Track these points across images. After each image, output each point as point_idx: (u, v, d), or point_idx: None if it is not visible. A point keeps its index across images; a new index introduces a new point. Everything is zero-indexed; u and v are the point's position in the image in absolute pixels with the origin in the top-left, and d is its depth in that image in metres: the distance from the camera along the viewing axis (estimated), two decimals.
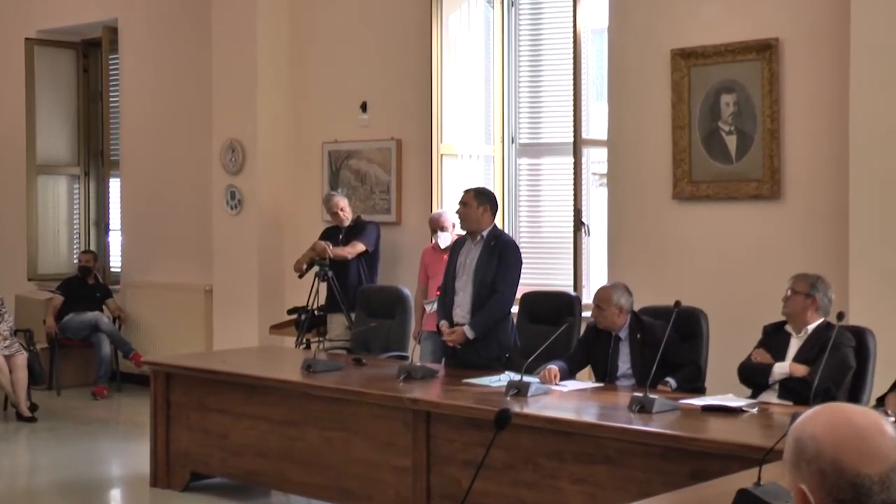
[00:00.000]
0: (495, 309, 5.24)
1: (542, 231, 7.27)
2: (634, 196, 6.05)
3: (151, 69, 8.79)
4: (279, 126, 7.92)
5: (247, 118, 7.84)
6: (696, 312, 5.00)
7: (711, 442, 3.66)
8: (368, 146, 7.51)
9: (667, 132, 5.86)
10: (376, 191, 7.50)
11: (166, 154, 8.69)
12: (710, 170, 5.73)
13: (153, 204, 8.79)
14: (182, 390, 5.51)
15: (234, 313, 7.87)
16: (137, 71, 8.87)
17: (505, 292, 5.26)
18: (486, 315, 5.23)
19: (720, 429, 3.85)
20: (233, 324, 7.85)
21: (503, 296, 5.26)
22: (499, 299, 5.24)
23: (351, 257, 6.82)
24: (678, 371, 4.69)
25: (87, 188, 9.55)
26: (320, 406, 4.90)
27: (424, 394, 4.65)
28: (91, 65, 9.46)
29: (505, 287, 5.26)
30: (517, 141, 7.26)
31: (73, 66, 9.43)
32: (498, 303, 5.24)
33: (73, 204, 9.55)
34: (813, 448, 1.48)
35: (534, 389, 4.48)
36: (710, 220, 5.79)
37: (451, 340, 5.26)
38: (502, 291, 5.24)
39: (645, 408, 4.04)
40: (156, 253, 8.78)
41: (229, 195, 7.94)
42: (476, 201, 5.31)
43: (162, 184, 8.72)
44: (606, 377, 4.86)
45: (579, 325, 5.48)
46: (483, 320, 5.23)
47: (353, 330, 6.50)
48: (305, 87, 7.88)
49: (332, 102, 7.72)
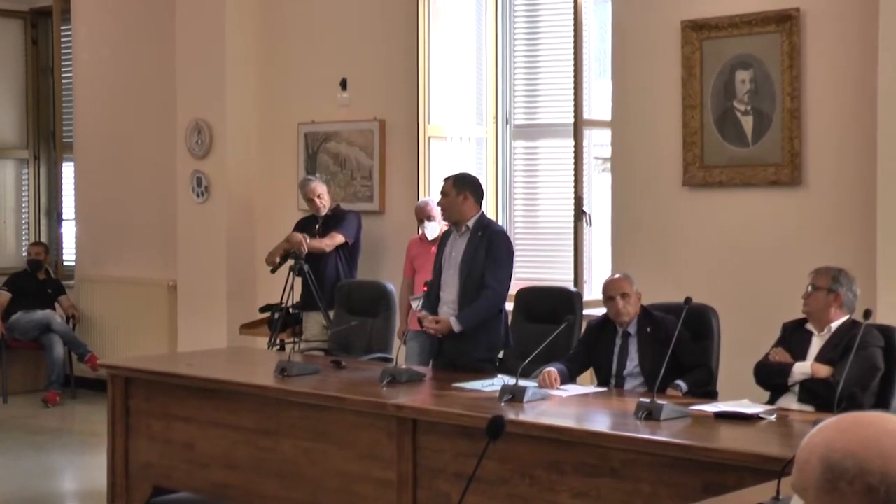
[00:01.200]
0: (486, 305, 5.25)
1: (540, 221, 7.28)
2: (641, 182, 6.05)
3: (108, 41, 8.76)
4: (250, 105, 7.90)
5: (214, 96, 7.82)
6: (707, 310, 5.02)
7: (725, 452, 3.68)
8: (349, 127, 7.50)
9: (676, 112, 5.85)
10: (357, 176, 7.49)
11: (125, 135, 8.66)
12: (724, 153, 5.74)
13: (111, 191, 8.77)
14: (143, 396, 5.50)
15: (201, 311, 7.87)
16: (92, 43, 8.85)
17: (496, 287, 5.26)
18: (475, 310, 5.24)
19: (735, 437, 3.87)
20: (199, 323, 7.85)
21: (494, 291, 5.25)
22: (489, 295, 5.24)
23: (329, 250, 6.81)
24: (689, 373, 4.72)
25: (37, 173, 9.51)
26: (296, 413, 4.90)
27: (410, 399, 4.65)
28: (40, 36, 9.42)
29: (496, 282, 5.25)
30: (512, 122, 7.26)
31: (20, 38, 9.37)
32: (488, 299, 5.25)
33: (22, 191, 9.51)
34: (854, 466, 1.50)
35: (530, 394, 4.48)
36: (724, 209, 5.79)
37: (435, 329, 5.26)
38: (493, 287, 5.24)
39: (652, 414, 4.05)
40: (114, 245, 8.76)
41: (195, 181, 7.93)
42: (455, 189, 5.32)
43: (120, 168, 8.70)
44: (612, 378, 4.87)
45: (580, 323, 5.48)
46: (472, 315, 5.24)
47: (331, 329, 6.49)
48: (279, 62, 7.86)
49: (308, 79, 7.70)
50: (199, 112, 7.90)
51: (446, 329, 5.25)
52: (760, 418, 4.09)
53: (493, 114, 7.23)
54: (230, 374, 5.52)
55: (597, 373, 5.02)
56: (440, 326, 5.26)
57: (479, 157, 7.25)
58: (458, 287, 5.29)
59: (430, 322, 5.29)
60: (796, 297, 4.61)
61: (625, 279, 4.90)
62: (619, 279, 4.92)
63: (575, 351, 5.05)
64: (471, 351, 5.28)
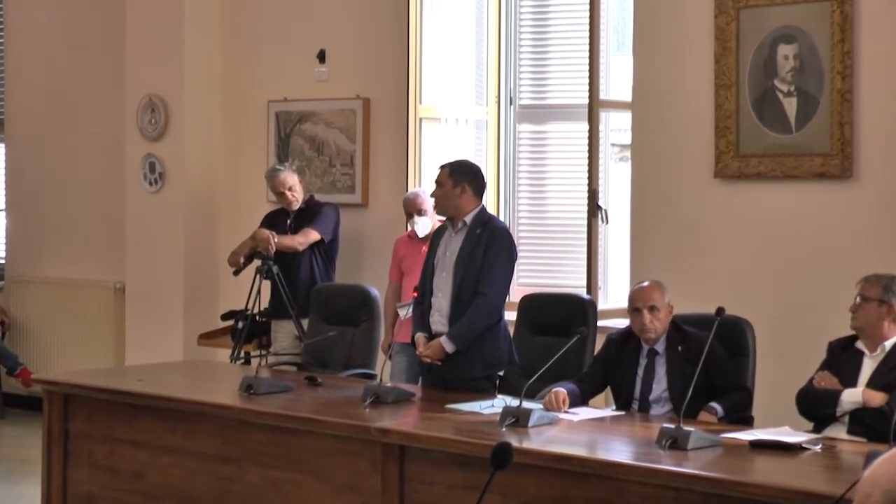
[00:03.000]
0: (478, 315, 5.23)
1: (548, 217, 7.28)
2: (665, 174, 6.05)
3: (47, 4, 8.74)
4: (212, 79, 7.91)
5: (171, 69, 7.83)
6: (741, 323, 5.01)
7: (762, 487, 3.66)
8: (327, 107, 7.50)
9: (708, 93, 5.85)
10: (336, 163, 7.49)
11: (66, 114, 8.66)
12: (763, 141, 5.74)
13: (49, 177, 8.76)
14: (84, 417, 5.47)
15: (153, 318, 7.88)
16: (29, 6, 8.82)
17: (490, 294, 5.24)
18: (467, 323, 5.22)
19: (773, 471, 3.86)
20: (151, 332, 7.86)
21: (488, 299, 5.24)
22: (482, 303, 5.23)
23: (302, 248, 6.81)
24: (725, 396, 4.71)
25: None
26: (263, 438, 4.86)
27: (397, 423, 4.61)
28: None
29: (489, 287, 5.24)
30: (517, 102, 7.26)
31: None
32: (481, 309, 5.23)
33: None
34: None
35: (536, 418, 4.46)
36: (762, 206, 5.80)
37: (427, 356, 5.27)
38: (486, 293, 5.23)
39: (678, 442, 4.02)
40: (51, 240, 8.76)
41: (148, 167, 7.92)
42: (451, 180, 5.32)
43: (60, 152, 8.70)
44: (633, 403, 4.86)
45: (594, 337, 5.47)
46: (464, 330, 5.23)
47: (304, 341, 6.48)
48: (247, 30, 7.89)
49: (281, 50, 7.73)
50: (152, 87, 7.88)
51: (439, 354, 5.24)
52: (803, 448, 4.06)
53: (494, 92, 7.22)
54: (187, 391, 5.48)
55: (616, 397, 5.00)
56: (431, 352, 5.25)
57: (478, 142, 7.25)
58: (451, 293, 5.29)
59: (422, 350, 5.29)
60: (845, 308, 4.63)
61: (656, 288, 4.86)
62: (650, 287, 4.88)
63: (589, 369, 5.04)
64: (465, 368, 5.27)
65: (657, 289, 4.86)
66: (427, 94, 7.13)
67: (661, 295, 4.83)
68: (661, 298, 4.83)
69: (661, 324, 4.82)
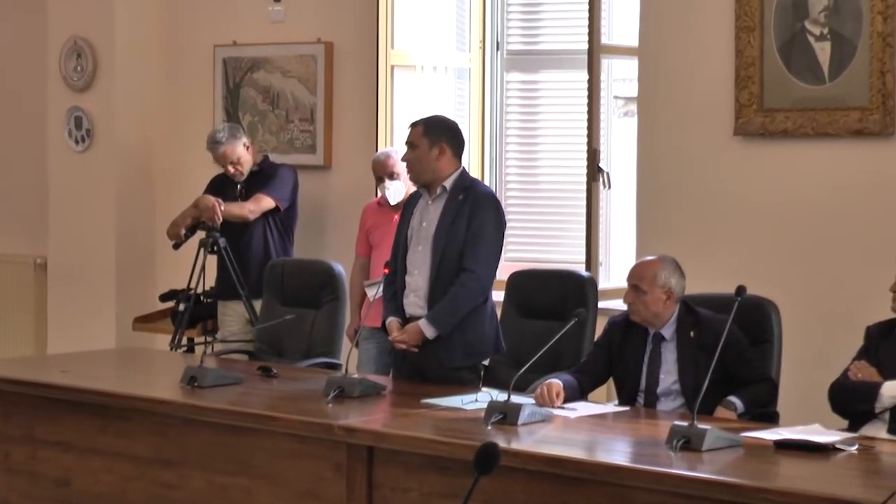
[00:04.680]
0: (463, 295, 5.22)
1: (541, 181, 7.30)
2: (677, 131, 6.05)
3: None
4: (148, 19, 7.90)
5: (99, 6, 7.81)
6: (765, 304, 5.01)
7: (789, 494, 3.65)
8: (283, 52, 7.48)
9: (727, 36, 5.84)
10: (294, 119, 7.47)
11: None
12: (792, 92, 5.74)
13: None
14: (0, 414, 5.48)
15: (81, 299, 7.86)
16: None
17: (477, 271, 5.23)
18: (450, 305, 5.21)
19: (802, 475, 3.87)
20: (78, 314, 7.85)
21: (475, 276, 5.22)
22: (467, 281, 5.21)
23: (253, 217, 6.81)
24: (745, 389, 4.73)
25: None
26: (209, 438, 4.85)
27: (365, 420, 4.62)
28: None
29: (476, 263, 5.22)
30: (504, 47, 7.24)
31: None
32: (467, 287, 5.21)
33: None
34: None
35: (527, 415, 4.45)
36: (790, 168, 5.80)
37: (403, 343, 5.26)
38: (473, 270, 5.22)
39: (691, 442, 4.03)
40: None
41: (73, 122, 7.91)
42: (426, 139, 5.29)
43: None
44: (639, 397, 4.87)
45: (594, 320, 5.47)
46: (446, 313, 5.21)
47: (257, 325, 6.50)
48: None
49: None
50: (78, 28, 7.85)
51: (417, 339, 5.23)
52: (837, 449, 4.06)
53: (478, 36, 7.20)
54: (120, 384, 5.49)
55: (619, 390, 5.01)
56: (407, 337, 5.23)
57: (459, 94, 7.24)
58: (429, 270, 5.27)
59: (396, 337, 5.27)
60: (885, 288, 4.62)
61: (650, 266, 4.86)
62: (642, 264, 4.92)
63: (588, 358, 5.05)
64: (445, 356, 5.25)
65: (651, 267, 4.85)
66: (400, 38, 7.13)
67: (652, 273, 4.82)
68: (653, 278, 4.81)
69: (646, 308, 4.81)
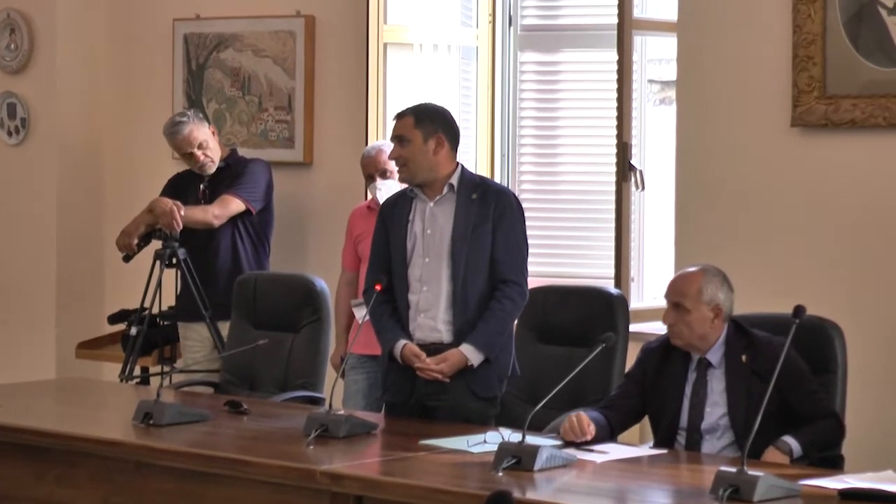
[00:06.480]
0: (514, 311, 5.34)
1: (561, 181, 7.29)
2: (723, 121, 6.08)
3: None
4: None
5: None
6: (828, 328, 5.04)
7: None
8: (256, 27, 7.49)
9: (783, 9, 5.86)
10: (269, 106, 7.47)
11: None
12: (860, 76, 5.78)
13: None
14: None
15: (15, 321, 7.97)
16: None
17: (521, 282, 5.33)
18: (499, 323, 5.27)
19: None
20: (12, 339, 7.88)
21: (521, 289, 5.34)
22: (514, 295, 5.30)
23: (219, 223, 6.85)
24: (804, 427, 4.71)
25: None
26: (168, 485, 4.89)
27: (352, 465, 4.66)
28: None
29: (520, 273, 5.32)
30: (518, 22, 7.23)
31: None
32: (515, 301, 5.31)
33: None
34: None
35: (545, 459, 4.47)
36: (858, 164, 5.83)
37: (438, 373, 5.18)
38: (517, 281, 5.30)
39: (741, 492, 4.05)
40: None
41: (6, 110, 7.97)
42: (420, 131, 5.30)
43: None
44: (679, 434, 4.86)
45: (626, 345, 5.43)
46: (496, 332, 5.27)
47: (224, 352, 6.48)
48: None
49: None
50: None
51: (456, 368, 5.17)
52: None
53: (487, 9, 7.20)
54: (61, 421, 5.57)
55: (655, 428, 5.00)
56: (446, 367, 5.19)
57: (464, 77, 7.23)
58: (448, 284, 5.25)
59: (429, 364, 5.19)
60: None
61: (694, 279, 4.87)
62: (684, 277, 4.92)
63: (619, 391, 5.08)
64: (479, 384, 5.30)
65: (694, 280, 4.87)
66: (394, 12, 7.09)
67: (697, 289, 4.84)
68: (697, 293, 4.80)
69: (690, 329, 4.81)
